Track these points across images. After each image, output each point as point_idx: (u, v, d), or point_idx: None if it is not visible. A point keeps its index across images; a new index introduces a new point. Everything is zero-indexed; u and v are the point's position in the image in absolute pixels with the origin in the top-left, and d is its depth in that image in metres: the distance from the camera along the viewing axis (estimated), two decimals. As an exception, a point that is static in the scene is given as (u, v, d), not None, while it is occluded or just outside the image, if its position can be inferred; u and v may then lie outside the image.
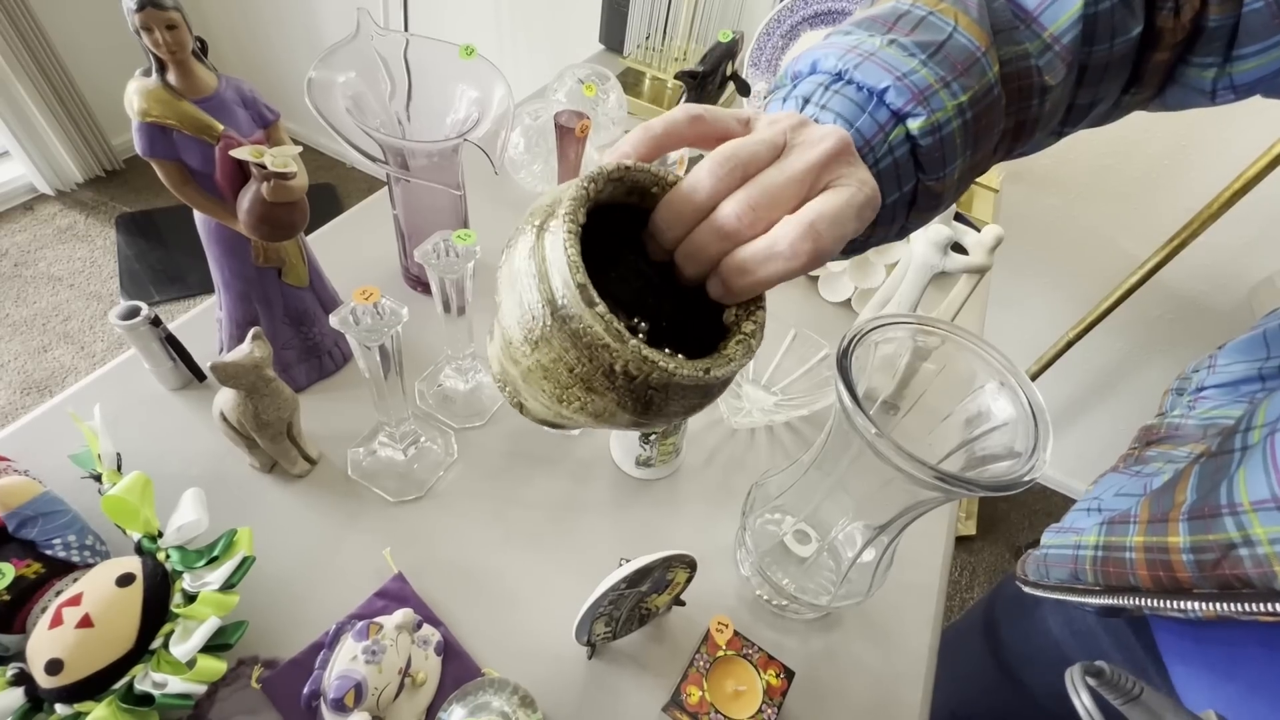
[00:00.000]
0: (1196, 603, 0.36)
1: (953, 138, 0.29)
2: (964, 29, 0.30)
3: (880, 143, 0.29)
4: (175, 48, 0.43)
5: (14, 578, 0.41)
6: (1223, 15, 0.32)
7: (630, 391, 0.25)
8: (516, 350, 0.26)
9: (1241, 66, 0.33)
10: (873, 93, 0.29)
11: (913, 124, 0.29)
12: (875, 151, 0.29)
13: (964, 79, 0.29)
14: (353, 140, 0.56)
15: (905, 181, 0.30)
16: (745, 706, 0.46)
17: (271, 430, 0.52)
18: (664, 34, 1.15)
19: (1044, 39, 0.31)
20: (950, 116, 0.29)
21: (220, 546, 0.45)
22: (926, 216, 0.33)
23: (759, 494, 0.54)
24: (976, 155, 0.31)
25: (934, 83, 0.29)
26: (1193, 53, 0.34)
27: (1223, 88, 0.34)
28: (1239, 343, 0.48)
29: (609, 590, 0.43)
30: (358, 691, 0.41)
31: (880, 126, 0.29)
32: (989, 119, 0.30)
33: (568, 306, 0.24)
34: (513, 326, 0.26)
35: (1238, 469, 0.34)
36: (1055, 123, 0.35)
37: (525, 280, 0.25)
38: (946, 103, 0.29)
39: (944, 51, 0.30)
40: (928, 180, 0.31)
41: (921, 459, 0.35)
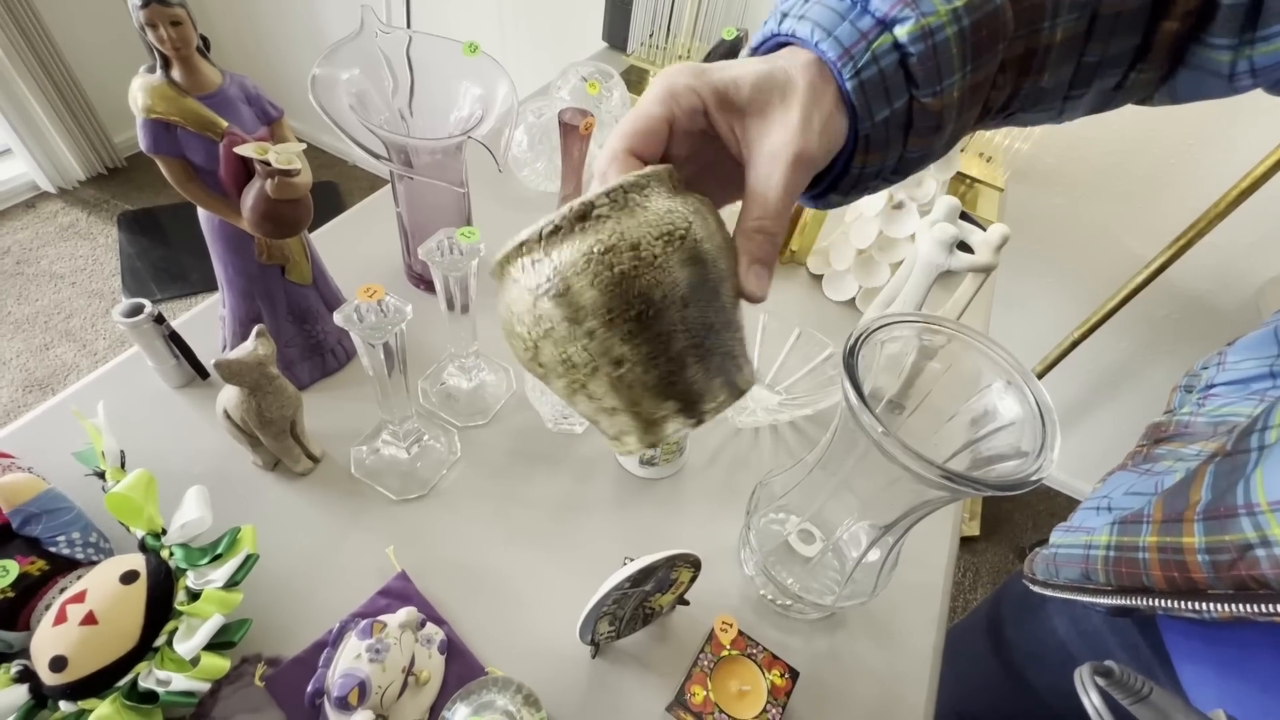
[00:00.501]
0: (1211, 604, 0.35)
1: (948, 45, 0.27)
2: None
3: (861, 51, 0.27)
4: (180, 44, 0.43)
5: (18, 575, 0.41)
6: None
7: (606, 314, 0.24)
8: (563, 380, 0.26)
9: (1265, 48, 0.31)
10: (854, 0, 0.27)
11: (900, 30, 0.26)
12: (856, 60, 0.27)
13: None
14: (356, 137, 0.56)
15: (895, 97, 0.28)
16: (750, 706, 0.46)
17: (275, 428, 0.52)
18: (668, 32, 1.15)
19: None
20: (944, 21, 0.26)
21: (224, 544, 0.45)
22: (928, 142, 0.31)
23: (763, 493, 0.54)
24: (978, 73, 0.29)
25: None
26: (1207, 32, 0.32)
27: (1242, 71, 0.32)
28: (1249, 339, 0.48)
29: (613, 589, 0.43)
30: (361, 690, 0.41)
31: (863, 34, 0.27)
32: (990, 29, 0.28)
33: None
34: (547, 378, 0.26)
35: (1254, 469, 0.34)
36: (1065, 76, 0.33)
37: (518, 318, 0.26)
38: (939, 7, 0.26)
39: None
40: (922, 96, 0.28)
41: (928, 457, 0.35)
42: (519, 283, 0.25)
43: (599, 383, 0.25)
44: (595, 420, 0.28)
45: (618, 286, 0.23)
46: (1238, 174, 1.09)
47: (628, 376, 0.25)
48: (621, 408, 0.26)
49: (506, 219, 0.85)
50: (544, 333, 0.25)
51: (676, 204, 0.25)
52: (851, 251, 0.81)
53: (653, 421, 0.27)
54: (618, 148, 0.27)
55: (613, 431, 0.28)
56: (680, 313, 0.24)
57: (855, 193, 0.33)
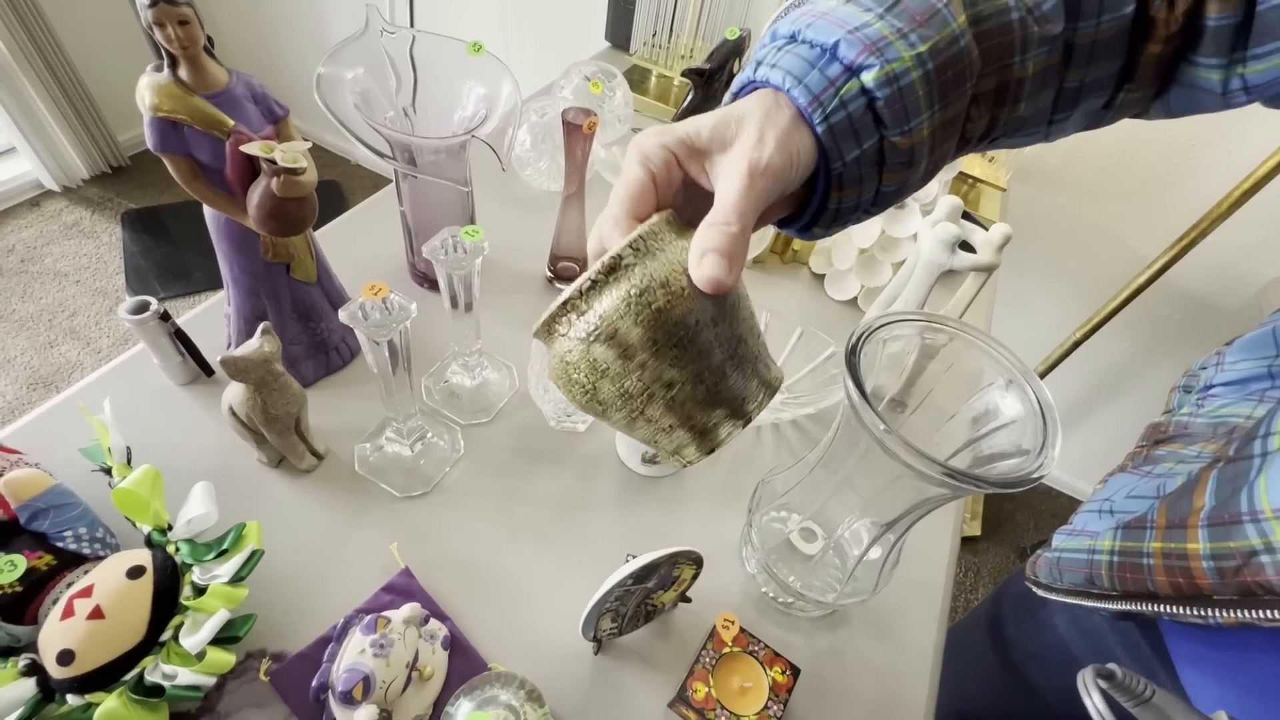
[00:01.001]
0: (1217, 610, 0.36)
1: (913, 88, 0.29)
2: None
3: (830, 97, 0.28)
4: (187, 43, 0.43)
5: (26, 569, 0.41)
6: (1223, 14, 0.31)
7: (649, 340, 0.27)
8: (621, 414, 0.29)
9: (1257, 66, 0.32)
10: (824, 49, 0.29)
11: (867, 76, 0.28)
12: (825, 107, 0.29)
13: (923, 29, 0.29)
14: (361, 136, 0.56)
15: (865, 138, 0.29)
16: (751, 703, 0.46)
17: (280, 425, 0.52)
18: (670, 31, 1.15)
19: (1025, 3, 0.30)
20: (909, 66, 0.28)
21: (229, 540, 0.45)
22: (903, 177, 0.32)
23: (765, 491, 0.54)
24: (948, 111, 0.30)
25: (888, 34, 0.28)
26: (1196, 52, 0.33)
27: (1235, 89, 0.33)
28: (1247, 340, 0.48)
29: (615, 586, 0.43)
30: (365, 684, 0.41)
31: (830, 81, 0.28)
32: (955, 70, 0.29)
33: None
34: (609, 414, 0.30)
35: (1258, 475, 0.34)
36: (1046, 103, 0.34)
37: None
38: (903, 53, 0.28)
39: (903, 3, 0.29)
40: (891, 135, 0.30)
41: (930, 455, 0.35)
42: (568, 336, 0.29)
43: (655, 406, 0.29)
44: (655, 442, 0.31)
45: (658, 320, 0.27)
46: (1240, 175, 1.09)
47: (680, 395, 0.28)
48: (678, 424, 0.30)
49: (510, 218, 0.86)
50: (601, 373, 0.28)
51: (686, 240, 0.28)
52: (854, 251, 0.82)
53: (706, 430, 0.30)
54: (617, 213, 0.30)
55: (672, 447, 0.31)
56: (713, 331, 0.28)
57: (837, 225, 0.34)
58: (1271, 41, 0.31)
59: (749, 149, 0.28)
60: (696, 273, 0.27)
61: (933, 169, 0.33)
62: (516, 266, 0.79)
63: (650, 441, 0.31)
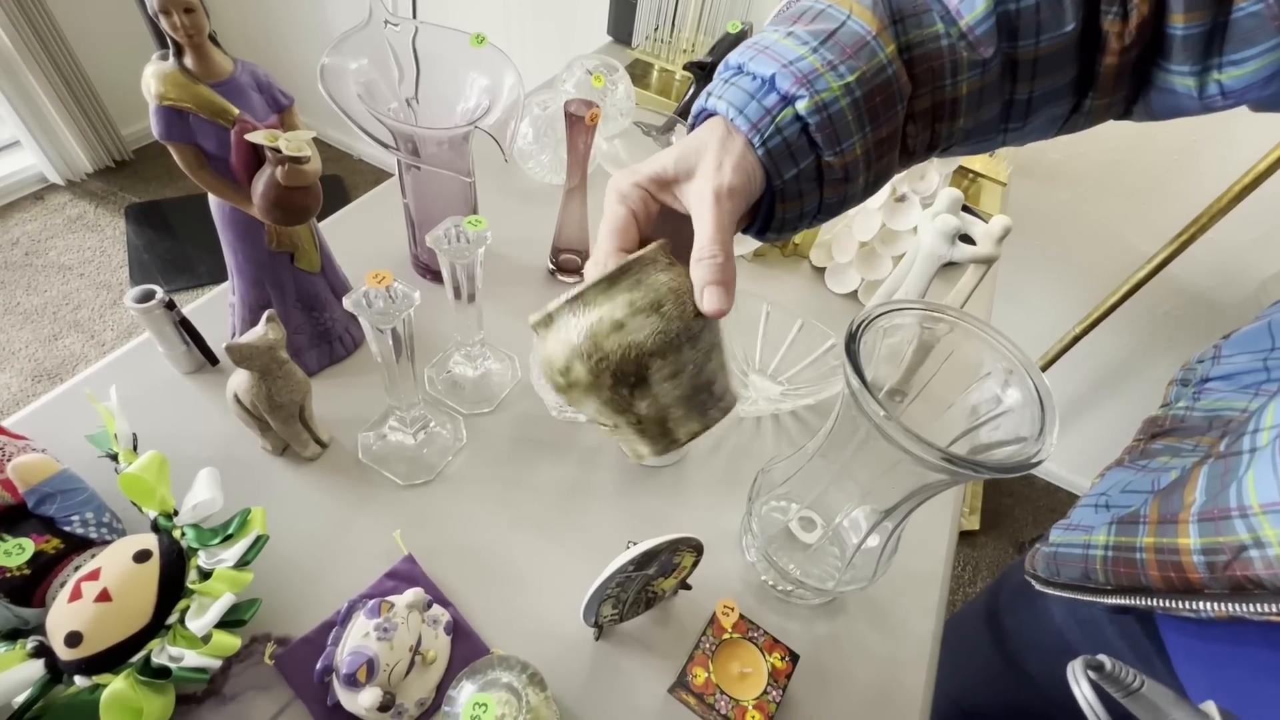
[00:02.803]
0: (1208, 603, 0.36)
1: (843, 114, 0.32)
2: (857, 16, 0.33)
3: (766, 125, 0.32)
4: (193, 31, 0.44)
5: (34, 553, 0.42)
6: (1190, 24, 0.32)
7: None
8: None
9: (1235, 72, 0.33)
10: (763, 80, 0.33)
11: (799, 105, 0.32)
12: (762, 133, 0.32)
13: (852, 60, 0.32)
14: (365, 127, 0.57)
15: (801, 158, 0.33)
16: (750, 688, 0.47)
17: (284, 413, 0.53)
18: (672, 25, 1.15)
19: (959, 27, 0.33)
20: (837, 95, 0.32)
21: (234, 525, 0.46)
22: (844, 190, 0.35)
23: (765, 481, 0.54)
24: (880, 131, 0.34)
25: (819, 67, 0.32)
26: (1168, 59, 0.34)
27: (1213, 94, 0.34)
28: (1244, 334, 0.48)
29: (616, 572, 0.43)
30: (369, 667, 0.42)
31: (767, 110, 0.32)
32: (883, 96, 0.33)
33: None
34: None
35: (1246, 471, 0.34)
36: (992, 115, 0.36)
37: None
38: (832, 84, 0.32)
39: (835, 38, 0.32)
40: (826, 156, 0.33)
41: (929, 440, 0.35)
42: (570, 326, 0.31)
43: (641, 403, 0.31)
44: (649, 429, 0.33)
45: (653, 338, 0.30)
46: (1240, 170, 1.09)
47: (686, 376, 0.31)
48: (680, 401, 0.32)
49: (512, 210, 0.86)
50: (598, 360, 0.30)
51: (669, 276, 0.31)
52: (854, 244, 0.82)
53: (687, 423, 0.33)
54: (606, 248, 0.33)
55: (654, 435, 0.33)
56: (688, 352, 0.31)
57: (787, 231, 0.38)
58: (1248, 48, 0.32)
59: (710, 177, 0.32)
60: (705, 306, 0.30)
61: (876, 180, 0.37)
62: (519, 258, 0.79)
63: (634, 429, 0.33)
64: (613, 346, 0.30)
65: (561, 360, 0.31)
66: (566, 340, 0.31)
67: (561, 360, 0.31)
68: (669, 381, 0.31)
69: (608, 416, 0.32)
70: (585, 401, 0.32)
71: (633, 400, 0.31)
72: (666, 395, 0.31)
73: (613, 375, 0.30)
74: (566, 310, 0.31)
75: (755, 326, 0.70)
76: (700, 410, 0.33)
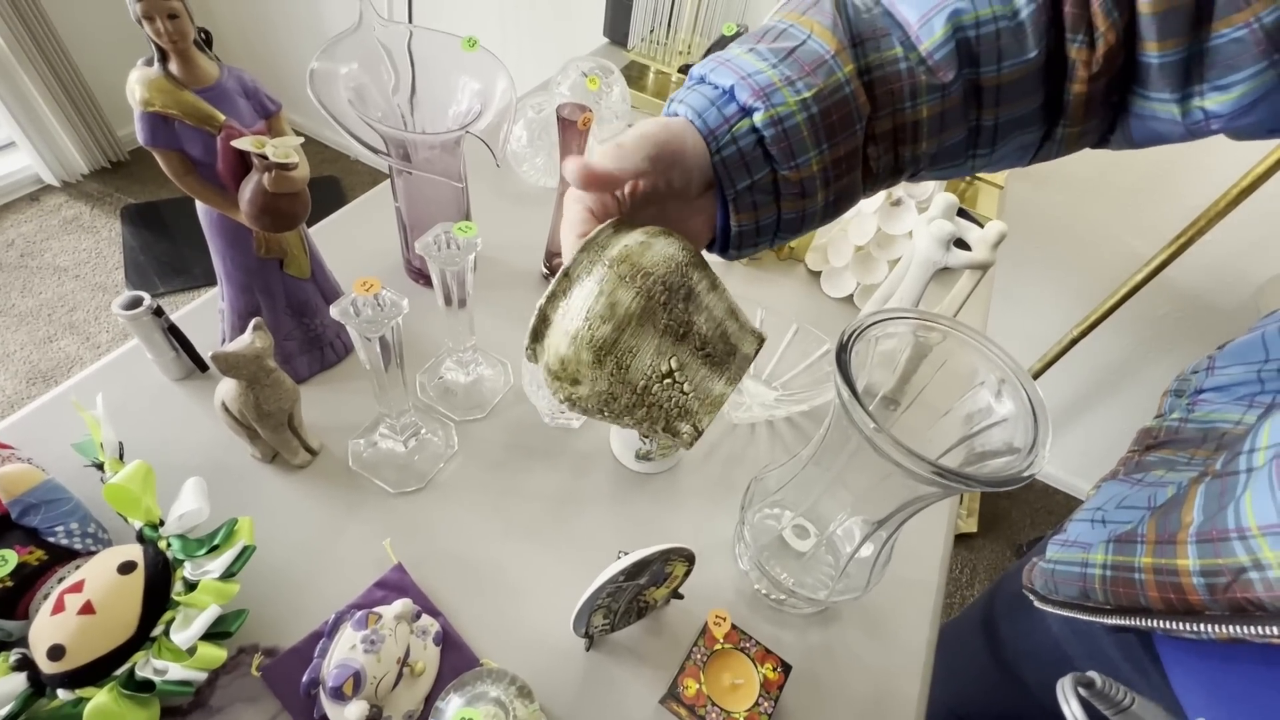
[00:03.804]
0: (1209, 625, 0.36)
1: (798, 129, 0.33)
2: (817, 36, 0.33)
3: (724, 132, 0.33)
4: (177, 37, 0.43)
5: (17, 564, 0.42)
6: (1166, 52, 0.32)
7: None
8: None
9: (1220, 97, 0.32)
10: (723, 90, 0.34)
11: (756, 117, 0.33)
12: (719, 140, 0.33)
13: (810, 78, 0.33)
14: (354, 132, 0.56)
15: (755, 169, 0.34)
16: (742, 700, 0.46)
17: (273, 420, 0.52)
18: (668, 27, 1.15)
19: (919, 52, 0.33)
20: (793, 110, 0.32)
21: (221, 535, 0.45)
22: (800, 206, 0.36)
23: (758, 489, 0.54)
24: (838, 149, 0.34)
25: (777, 81, 0.33)
26: (1144, 87, 0.34)
27: (1198, 119, 0.34)
28: (1237, 345, 0.48)
29: (607, 582, 0.43)
30: (356, 680, 0.42)
31: (726, 119, 0.33)
32: (840, 114, 0.33)
33: None
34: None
35: (1244, 492, 0.34)
36: (957, 140, 0.36)
37: None
38: (789, 98, 0.32)
39: (795, 55, 0.33)
40: (782, 169, 0.34)
41: (920, 453, 0.35)
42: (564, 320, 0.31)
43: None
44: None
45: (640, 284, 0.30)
46: (1238, 173, 1.09)
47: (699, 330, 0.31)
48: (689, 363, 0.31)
49: (506, 213, 0.86)
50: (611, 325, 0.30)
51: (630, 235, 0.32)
52: (850, 248, 0.81)
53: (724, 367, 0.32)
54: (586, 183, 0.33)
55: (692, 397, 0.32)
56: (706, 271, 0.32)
57: (748, 248, 0.38)
58: (1231, 74, 0.32)
59: (648, 122, 0.34)
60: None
61: (838, 201, 0.37)
62: (512, 262, 0.79)
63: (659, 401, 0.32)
64: (653, 261, 0.30)
65: (604, 301, 0.29)
66: (602, 282, 0.30)
67: (604, 301, 0.29)
68: (711, 293, 0.32)
69: (668, 353, 0.30)
70: (639, 349, 0.30)
71: (690, 316, 0.30)
72: (716, 306, 0.32)
73: (664, 287, 0.30)
74: (586, 259, 0.31)
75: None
76: (742, 322, 0.33)
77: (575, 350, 0.30)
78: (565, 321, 0.30)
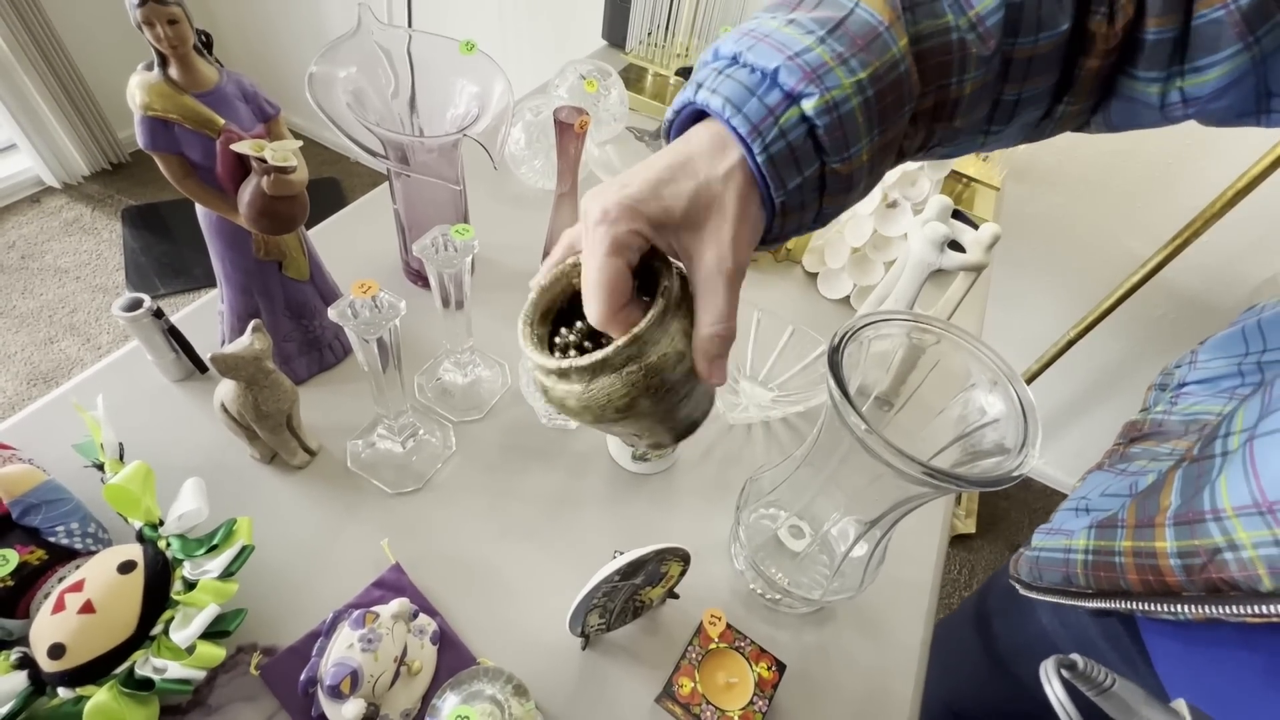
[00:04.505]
0: (1186, 605, 0.36)
1: (853, 116, 0.28)
2: (866, 4, 0.29)
3: (769, 127, 0.28)
4: (176, 42, 0.44)
5: (18, 564, 0.42)
6: (1162, 29, 0.31)
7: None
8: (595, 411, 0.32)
9: (1196, 79, 0.32)
10: (764, 74, 0.29)
11: (807, 104, 0.28)
12: (764, 136, 0.28)
13: (864, 54, 0.28)
14: (353, 135, 0.57)
15: (806, 165, 0.29)
16: (737, 698, 0.47)
17: (271, 421, 0.53)
18: (667, 30, 1.15)
19: (969, 16, 0.30)
20: (848, 94, 0.28)
21: (220, 535, 0.46)
22: (842, 200, 0.32)
23: (752, 489, 0.54)
24: (887, 134, 0.30)
25: (829, 60, 0.28)
26: (1135, 65, 0.33)
27: (1174, 102, 0.34)
28: (1219, 339, 0.49)
29: (603, 582, 0.43)
30: (353, 679, 0.42)
31: (769, 110, 0.28)
32: (895, 95, 0.29)
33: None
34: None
35: (1219, 475, 0.34)
36: (981, 115, 0.34)
37: None
38: (843, 80, 0.28)
39: (844, 27, 0.28)
40: (832, 162, 0.29)
41: (910, 454, 0.35)
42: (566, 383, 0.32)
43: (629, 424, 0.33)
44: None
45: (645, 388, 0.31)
46: (1234, 175, 1.09)
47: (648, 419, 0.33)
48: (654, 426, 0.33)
49: (504, 216, 0.86)
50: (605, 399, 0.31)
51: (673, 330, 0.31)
52: (846, 250, 0.82)
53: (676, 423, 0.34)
54: (605, 312, 0.30)
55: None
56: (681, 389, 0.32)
57: (777, 243, 0.35)
58: (1207, 55, 0.31)
59: (729, 250, 0.29)
60: (710, 377, 0.30)
61: (869, 186, 0.34)
62: (510, 264, 0.79)
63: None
64: (678, 374, 0.30)
65: (625, 401, 0.30)
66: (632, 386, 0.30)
67: (625, 401, 0.30)
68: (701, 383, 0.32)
69: (646, 426, 0.33)
70: (629, 423, 0.32)
71: (678, 407, 0.32)
72: (700, 394, 0.33)
73: (672, 389, 0.31)
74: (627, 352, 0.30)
75: (746, 332, 0.70)
76: (711, 399, 0.35)
77: (580, 409, 0.31)
78: (584, 388, 0.31)
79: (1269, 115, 0.34)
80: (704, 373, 0.30)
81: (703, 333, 0.30)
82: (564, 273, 0.34)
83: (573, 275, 0.34)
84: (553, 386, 0.32)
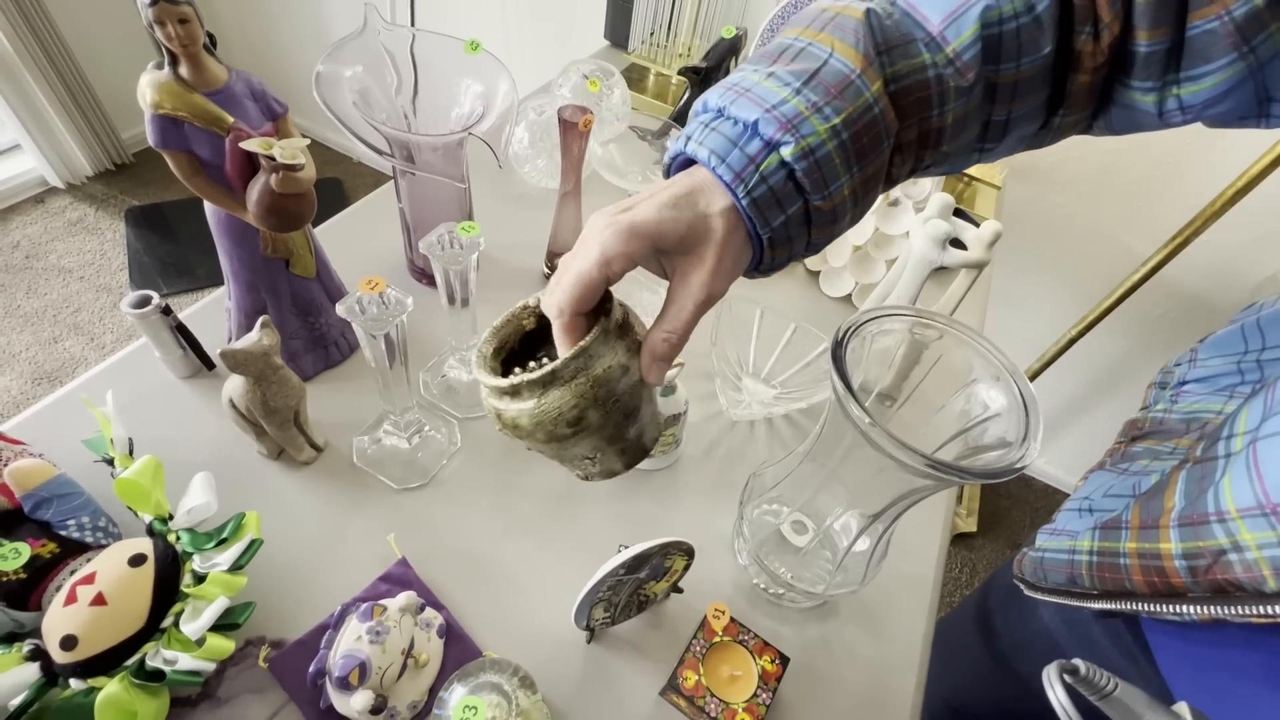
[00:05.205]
0: (1191, 606, 0.37)
1: (830, 158, 0.31)
2: (839, 54, 0.32)
3: (750, 174, 0.31)
4: (187, 41, 0.44)
5: (30, 557, 0.42)
6: (1153, 41, 0.32)
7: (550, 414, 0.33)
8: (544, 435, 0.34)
9: (1192, 87, 0.33)
10: (746, 125, 0.31)
11: (785, 151, 0.31)
12: (746, 183, 0.31)
13: (838, 101, 0.31)
14: (359, 133, 0.57)
15: (788, 204, 0.32)
16: (740, 691, 0.47)
17: (279, 417, 0.53)
18: (669, 30, 1.16)
19: (946, 53, 0.32)
20: (824, 139, 0.31)
21: (229, 529, 0.46)
22: (832, 230, 0.35)
23: (756, 485, 0.55)
24: (867, 170, 0.33)
25: (804, 110, 0.31)
26: (1129, 76, 0.34)
27: (1171, 109, 0.34)
28: (1217, 337, 0.49)
29: (608, 575, 0.44)
30: (362, 670, 0.42)
31: (750, 159, 0.31)
32: (871, 135, 0.32)
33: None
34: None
35: (1222, 477, 0.35)
36: (971, 137, 0.36)
37: None
38: (818, 127, 0.30)
39: (818, 78, 0.31)
40: (815, 200, 0.32)
41: (913, 446, 0.36)
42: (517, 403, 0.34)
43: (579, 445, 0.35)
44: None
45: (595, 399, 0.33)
46: (1234, 173, 1.10)
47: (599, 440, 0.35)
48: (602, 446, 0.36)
49: (508, 214, 0.87)
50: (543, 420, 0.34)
51: (620, 346, 0.33)
52: (848, 248, 0.82)
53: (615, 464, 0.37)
54: (568, 312, 0.32)
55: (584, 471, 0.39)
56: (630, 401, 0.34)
57: (773, 271, 0.37)
58: (1204, 64, 0.32)
59: (708, 277, 0.32)
60: (649, 376, 0.33)
61: (860, 214, 0.36)
62: (514, 262, 0.80)
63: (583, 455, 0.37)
64: (624, 387, 0.33)
65: (574, 414, 0.32)
66: (581, 397, 0.32)
67: (574, 414, 0.32)
68: (649, 405, 0.36)
69: (598, 446, 0.36)
70: (580, 443, 0.34)
71: (627, 428, 0.35)
72: (649, 416, 0.36)
73: (622, 408, 0.34)
74: (575, 366, 0.32)
75: (749, 330, 0.71)
76: (659, 424, 0.38)
77: (532, 428, 0.33)
78: (536, 403, 0.33)
79: (1269, 118, 0.34)
80: (644, 368, 0.33)
81: (656, 334, 0.33)
82: (515, 315, 0.38)
83: (522, 318, 0.38)
84: (505, 408, 0.34)
